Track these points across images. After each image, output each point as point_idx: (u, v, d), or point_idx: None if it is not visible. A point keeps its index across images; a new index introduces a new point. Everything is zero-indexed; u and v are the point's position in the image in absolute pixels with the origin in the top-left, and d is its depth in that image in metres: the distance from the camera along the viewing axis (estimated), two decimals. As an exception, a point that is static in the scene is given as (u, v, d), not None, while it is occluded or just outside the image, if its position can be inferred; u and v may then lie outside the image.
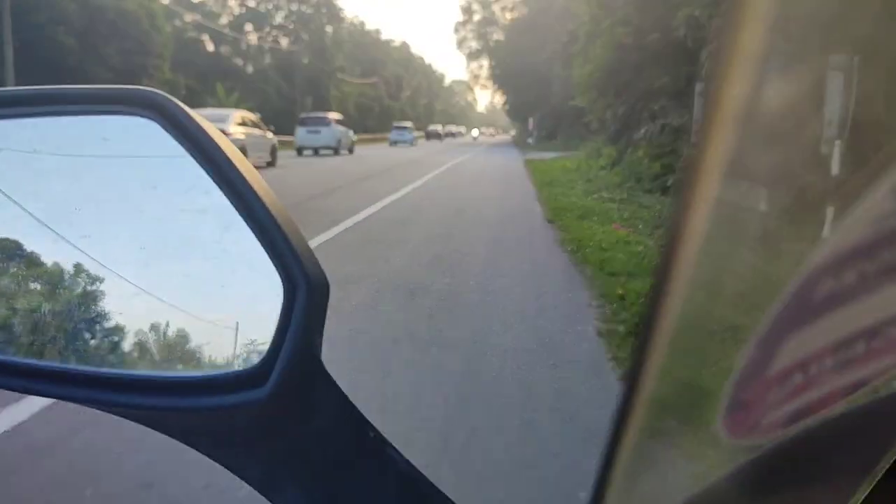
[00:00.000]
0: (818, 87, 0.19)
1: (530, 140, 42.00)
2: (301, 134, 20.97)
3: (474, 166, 18.06)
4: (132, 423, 0.34)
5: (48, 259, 0.33)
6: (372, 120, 53.27)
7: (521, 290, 4.04)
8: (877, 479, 0.26)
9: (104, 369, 0.33)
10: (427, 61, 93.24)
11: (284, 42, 43.56)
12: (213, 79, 33.59)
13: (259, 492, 0.33)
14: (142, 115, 0.32)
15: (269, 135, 15.11)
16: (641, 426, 0.22)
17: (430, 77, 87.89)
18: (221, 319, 0.33)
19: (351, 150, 22.85)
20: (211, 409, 0.32)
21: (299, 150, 20.82)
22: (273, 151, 15.00)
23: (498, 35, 48.66)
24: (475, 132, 32.17)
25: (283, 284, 0.31)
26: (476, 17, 52.14)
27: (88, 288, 0.33)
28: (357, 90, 51.53)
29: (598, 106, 14.90)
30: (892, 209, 0.19)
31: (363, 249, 5.25)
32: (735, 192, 0.19)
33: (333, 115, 22.76)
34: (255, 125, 14.44)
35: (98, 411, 0.35)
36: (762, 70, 0.18)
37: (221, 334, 0.33)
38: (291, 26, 43.90)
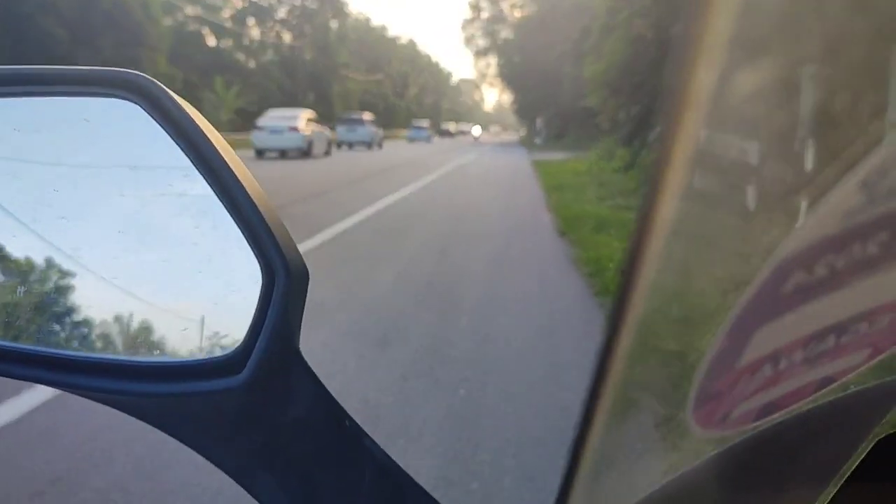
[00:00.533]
0: (790, 79, 0.19)
1: (538, 140, 41.17)
2: (341, 131, 25.27)
3: (479, 167, 17.49)
4: None
5: (22, 242, 0.33)
6: (377, 117, 52.46)
7: (529, 335, 3.10)
8: (845, 477, 0.25)
9: (81, 353, 0.33)
10: (434, 59, 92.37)
11: (288, 37, 42.71)
12: (213, 73, 32.81)
13: (234, 479, 0.33)
14: (124, 98, 0.32)
15: (328, 131, 19.83)
16: (609, 418, 0.22)
17: (436, 75, 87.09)
18: (199, 305, 0.33)
19: (380, 146, 26.88)
20: (187, 395, 0.32)
21: (339, 145, 24.60)
22: (329, 144, 19.66)
23: (506, 33, 47.78)
24: (476, 130, 30.18)
25: (262, 272, 0.31)
26: (484, 15, 51.20)
27: (64, 270, 0.33)
28: (361, 87, 50.90)
29: (609, 105, 13.98)
30: (862, 204, 0.19)
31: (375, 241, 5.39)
32: (705, 182, 0.19)
33: (367, 116, 26.89)
34: (317, 123, 18.53)
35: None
36: (732, 58, 0.17)
37: (199, 320, 0.33)
38: (294, 21, 43.03)
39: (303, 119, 17.07)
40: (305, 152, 17.06)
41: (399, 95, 62.18)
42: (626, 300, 0.19)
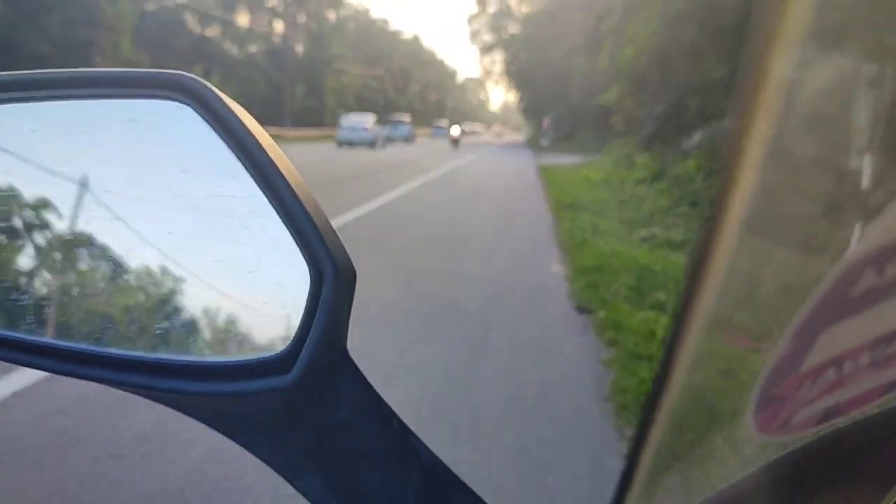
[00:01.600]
0: (871, 73, 0.18)
1: (544, 141, 38.64)
2: (386, 129, 31.61)
3: (474, 173, 15.99)
4: None
5: (79, 241, 0.35)
6: (375, 114, 50.10)
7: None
8: None
9: (132, 352, 0.34)
10: (439, 56, 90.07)
11: (279, 27, 40.40)
12: (196, 62, 30.52)
13: (283, 477, 0.34)
14: (175, 100, 0.33)
15: (385, 130, 28.74)
16: (668, 421, 0.22)
17: (441, 72, 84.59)
18: (248, 305, 0.34)
19: (413, 141, 34.53)
20: (236, 394, 0.33)
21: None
22: (385, 140, 27.81)
23: (513, 28, 45.31)
24: (455, 130, 27.33)
25: (311, 272, 0.32)
26: (491, 9, 48.76)
27: (117, 271, 0.34)
28: (359, 82, 48.45)
29: (628, 103, 11.38)
30: None
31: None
32: (778, 179, 0.19)
33: (406, 118, 35.56)
34: (378, 124, 27.34)
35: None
36: (810, 49, 0.17)
37: (248, 320, 0.34)
38: (287, 10, 40.67)
39: (370, 122, 26.22)
40: (371, 145, 25.12)
41: (400, 92, 59.94)
42: (692, 302, 0.19)
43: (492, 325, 3.24)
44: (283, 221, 0.32)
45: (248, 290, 0.34)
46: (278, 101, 33.89)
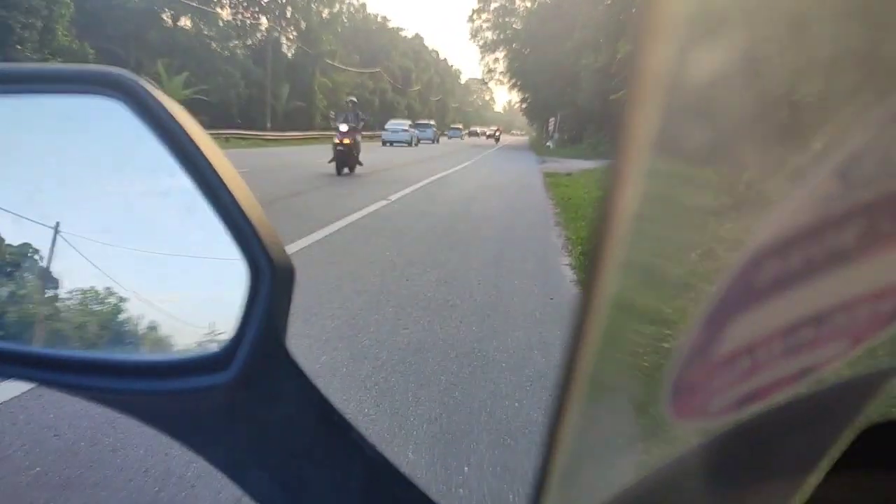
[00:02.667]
0: (759, 59, 0.19)
1: (549, 143, 35.83)
2: (415, 132, 35.08)
3: (469, 182, 12.94)
4: None
5: (9, 240, 0.35)
6: (371, 115, 47.33)
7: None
8: (826, 468, 0.26)
9: (67, 352, 0.35)
10: (442, 56, 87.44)
11: (264, 21, 37.58)
12: (170, 55, 27.89)
13: (226, 475, 0.34)
14: (108, 95, 0.33)
15: (417, 132, 34.95)
16: (582, 411, 0.22)
17: (444, 73, 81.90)
18: (187, 303, 0.34)
19: (437, 141, 39.91)
20: (175, 392, 0.33)
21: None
22: (419, 140, 34.95)
23: (516, 24, 42.52)
24: (429, 132, 35.37)
25: (248, 269, 0.32)
26: (493, 5, 46.02)
27: (50, 269, 0.34)
28: (354, 80, 45.70)
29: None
30: (838, 192, 0.19)
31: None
32: (668, 168, 0.19)
33: (431, 122, 42.08)
34: (413, 126, 35.75)
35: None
36: (693, 35, 0.17)
37: (186, 318, 0.34)
38: (273, 3, 37.93)
39: (407, 125, 33.53)
40: (409, 143, 31.50)
41: (400, 91, 57.10)
42: (594, 290, 0.19)
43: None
44: (220, 219, 0.32)
45: (186, 287, 0.34)
46: (260, 99, 31.13)
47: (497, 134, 49.39)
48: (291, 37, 36.66)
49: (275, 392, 0.33)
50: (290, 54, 37.01)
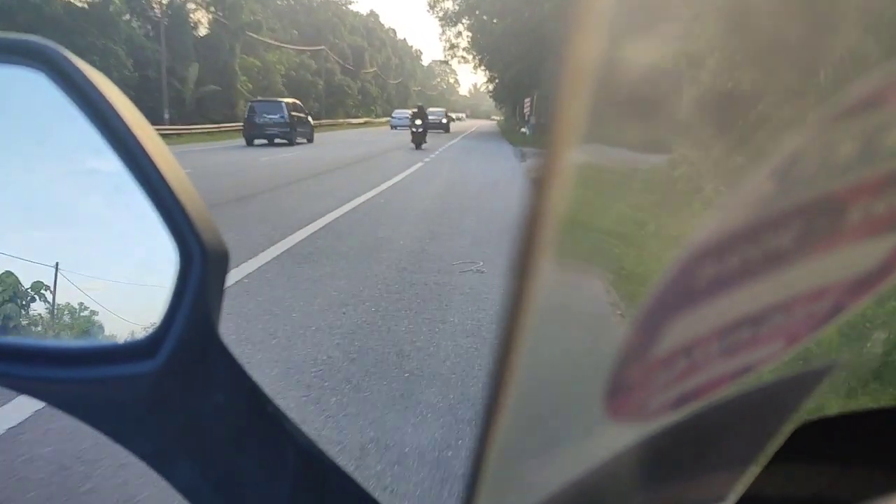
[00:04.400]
0: (694, 54, 0.18)
1: (525, 130, 29.45)
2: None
3: (422, 195, 8.73)
4: None
5: None
6: (315, 99, 40.53)
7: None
8: (763, 465, 0.26)
9: None
10: (401, 35, 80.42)
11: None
12: (45, 33, 20.89)
13: (151, 466, 0.33)
14: (29, 66, 0.31)
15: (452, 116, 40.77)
16: (515, 411, 0.22)
17: (403, 54, 75.08)
18: (112, 288, 0.33)
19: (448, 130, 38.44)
20: (100, 380, 0.32)
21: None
22: (449, 125, 38.05)
23: (482, -8, 36.18)
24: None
25: (178, 253, 0.31)
26: (454, -30, 39.54)
27: None
28: (291, 59, 38.83)
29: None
30: (775, 192, 0.19)
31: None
32: (601, 165, 0.19)
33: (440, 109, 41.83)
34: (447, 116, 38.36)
35: None
36: (625, 27, 0.17)
37: (112, 303, 0.33)
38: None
39: (409, 113, 28.11)
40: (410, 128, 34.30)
41: (351, 73, 50.31)
42: (524, 286, 0.19)
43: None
44: (149, 199, 0.31)
45: (112, 271, 0.33)
46: (155, 84, 24.31)
47: (446, 121, 37.00)
48: (202, 2, 29.34)
49: (205, 381, 0.32)
50: (203, 27, 29.97)
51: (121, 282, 0.33)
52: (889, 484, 0.31)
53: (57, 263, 0.32)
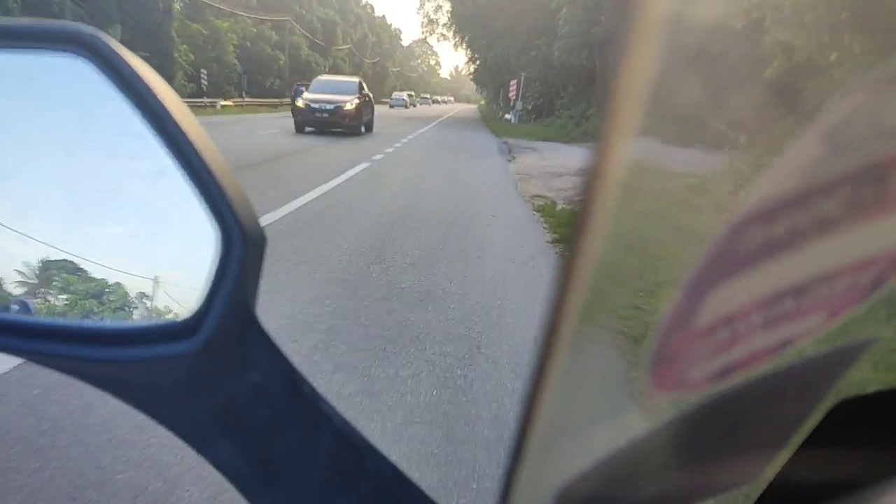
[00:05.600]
0: (754, 16, 0.18)
1: (510, 116, 25.64)
2: (408, 100, 50.56)
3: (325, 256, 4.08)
4: None
5: None
6: (276, 76, 36.25)
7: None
8: (799, 442, 0.26)
9: (31, 318, 0.34)
10: (379, 13, 75.75)
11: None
12: None
13: (190, 445, 0.33)
14: (74, 53, 0.31)
15: (408, 99, 52.72)
16: (560, 380, 0.22)
17: (381, 32, 70.54)
18: (154, 270, 0.33)
19: (414, 106, 53.83)
20: (141, 360, 0.32)
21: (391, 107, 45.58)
22: (414, 104, 58.55)
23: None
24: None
25: (219, 237, 0.31)
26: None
27: (15, 233, 0.33)
28: (248, 29, 34.41)
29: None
30: (824, 156, 0.19)
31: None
32: (658, 130, 0.19)
33: (406, 94, 53.44)
34: (410, 96, 58.98)
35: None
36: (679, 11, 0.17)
37: (154, 285, 0.33)
38: None
39: (405, 95, 50.84)
40: (405, 107, 45.48)
41: (321, 49, 45.96)
42: (578, 257, 0.19)
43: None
44: (191, 184, 0.31)
45: (154, 254, 0.34)
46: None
47: (408, 101, 49.76)
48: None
49: (243, 362, 0.32)
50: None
51: (162, 265, 0.33)
52: None
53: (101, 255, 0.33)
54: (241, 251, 0.31)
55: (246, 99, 31.69)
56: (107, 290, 0.33)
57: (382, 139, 14.36)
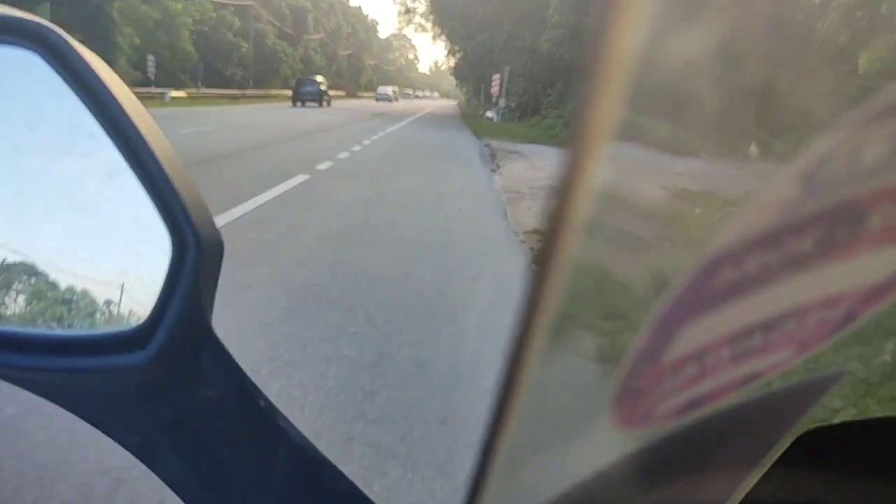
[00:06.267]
0: (730, 50, 0.18)
1: (491, 114, 23.57)
2: (392, 94, 50.43)
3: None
4: None
5: None
6: (238, 65, 33.61)
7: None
8: (764, 470, 0.27)
9: None
10: (354, 2, 73.16)
11: None
12: None
13: (140, 459, 0.32)
14: (22, 46, 0.30)
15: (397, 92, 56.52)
16: (523, 413, 0.22)
17: (356, 22, 67.79)
18: (104, 276, 0.32)
19: (398, 100, 54.53)
20: (88, 370, 0.31)
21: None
22: (398, 98, 58.94)
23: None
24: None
25: (173, 243, 0.30)
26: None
27: None
28: (205, 12, 31.64)
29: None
30: (800, 197, 0.19)
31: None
32: (627, 165, 0.18)
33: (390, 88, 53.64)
34: (396, 91, 57.30)
35: None
36: (664, 18, 0.16)
37: (103, 292, 0.32)
38: None
39: (392, 89, 50.92)
40: (389, 101, 45.73)
41: (290, 38, 43.27)
42: (542, 289, 0.18)
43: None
44: (144, 186, 0.30)
45: (103, 259, 0.32)
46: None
47: (392, 95, 50.60)
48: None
49: (196, 373, 0.31)
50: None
51: (112, 270, 0.32)
52: (889, 495, 0.31)
53: (45, 249, 0.31)
54: (196, 257, 0.30)
55: (202, 90, 28.99)
56: (53, 295, 0.32)
57: (339, 140, 12.00)
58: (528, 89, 22.70)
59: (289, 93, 30.86)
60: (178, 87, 25.85)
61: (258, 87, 35.77)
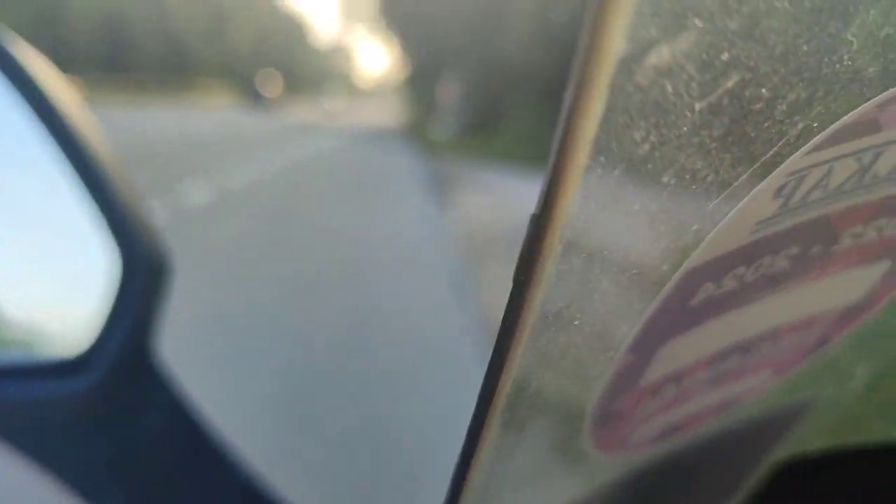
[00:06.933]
0: (709, 61, 0.17)
1: (444, 128, 19.55)
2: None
3: None
4: None
5: None
6: (129, 58, 28.76)
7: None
8: (739, 500, 0.26)
9: None
10: (285, 8, 68.32)
11: None
12: None
13: (76, 492, 0.30)
14: None
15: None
16: (498, 441, 0.21)
17: (281, 23, 62.78)
18: (42, 297, 0.30)
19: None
20: (22, 398, 0.29)
21: None
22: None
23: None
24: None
25: (118, 261, 0.28)
26: None
27: None
28: (98, 9, 26.66)
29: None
30: (776, 214, 0.18)
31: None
32: (607, 181, 0.18)
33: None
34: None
35: None
36: (650, 28, 0.15)
37: (40, 315, 0.30)
38: None
39: (328, 99, 43.81)
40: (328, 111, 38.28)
41: (202, 37, 38.39)
42: (519, 312, 0.18)
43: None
44: (87, 201, 0.28)
45: (42, 279, 0.30)
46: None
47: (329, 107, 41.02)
48: None
49: (140, 404, 0.30)
50: None
51: (51, 290, 0.30)
52: None
53: None
54: (143, 279, 0.28)
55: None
56: None
57: (231, 163, 7.85)
58: (486, 99, 19.21)
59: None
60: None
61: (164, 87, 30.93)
